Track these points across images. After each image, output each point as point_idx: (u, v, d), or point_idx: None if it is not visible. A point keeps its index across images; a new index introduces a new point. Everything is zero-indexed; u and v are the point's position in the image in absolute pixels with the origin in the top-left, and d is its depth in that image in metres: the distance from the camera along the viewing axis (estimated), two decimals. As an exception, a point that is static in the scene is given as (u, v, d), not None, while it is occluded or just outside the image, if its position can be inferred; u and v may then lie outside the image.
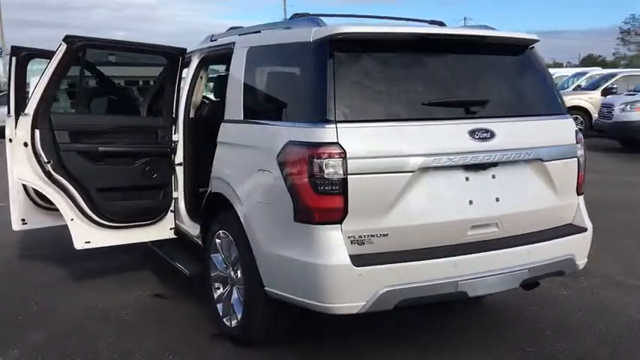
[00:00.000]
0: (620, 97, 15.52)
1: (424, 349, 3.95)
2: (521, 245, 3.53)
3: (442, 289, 3.30)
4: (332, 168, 3.13)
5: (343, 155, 3.13)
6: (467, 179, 3.42)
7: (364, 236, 3.22)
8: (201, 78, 5.05)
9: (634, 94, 15.09)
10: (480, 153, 3.41)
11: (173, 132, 4.86)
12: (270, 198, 3.45)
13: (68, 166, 4.45)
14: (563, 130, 3.82)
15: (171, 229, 5.04)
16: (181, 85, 4.89)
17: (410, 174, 3.25)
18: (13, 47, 5.13)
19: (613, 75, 19.74)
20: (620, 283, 5.14)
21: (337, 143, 3.14)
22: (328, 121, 3.17)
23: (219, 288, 4.27)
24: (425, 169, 3.29)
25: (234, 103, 4.04)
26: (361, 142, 3.18)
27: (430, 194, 3.33)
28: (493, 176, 3.49)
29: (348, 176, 3.14)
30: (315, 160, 3.15)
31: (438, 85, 3.52)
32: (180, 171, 4.94)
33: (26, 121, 4.39)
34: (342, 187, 3.14)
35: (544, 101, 3.85)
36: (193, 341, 4.11)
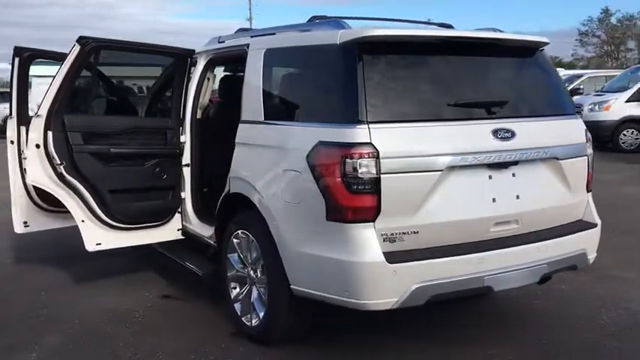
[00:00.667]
0: (588, 97, 15.96)
1: (446, 342, 4.05)
2: (540, 241, 3.66)
3: (470, 285, 3.41)
4: (365, 168, 3.20)
5: (376, 155, 3.20)
6: (490, 177, 3.54)
7: (395, 234, 3.30)
8: (208, 79, 5.05)
9: (602, 95, 15.54)
10: (503, 152, 3.52)
11: (180, 133, 4.87)
12: (300, 198, 3.50)
13: (81, 167, 4.42)
14: (574, 130, 3.97)
15: (178, 230, 5.05)
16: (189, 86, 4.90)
17: (438, 173, 3.35)
18: (16, 48, 5.07)
19: (579, 76, 20.29)
20: (616, 277, 5.32)
21: (370, 143, 3.21)
22: (360, 122, 3.25)
23: (235, 288, 4.31)
24: (452, 168, 3.39)
25: (253, 104, 4.07)
26: (392, 142, 3.26)
27: (456, 192, 3.43)
28: (513, 174, 3.61)
29: (381, 175, 3.22)
30: (348, 160, 3.22)
31: (461, 86, 3.63)
32: (187, 172, 4.95)
33: (39, 123, 4.35)
34: (375, 186, 3.22)
35: (556, 101, 3.99)
36: (213, 341, 4.13)
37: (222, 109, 5.47)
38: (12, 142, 5.22)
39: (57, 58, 5.48)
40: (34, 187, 5.17)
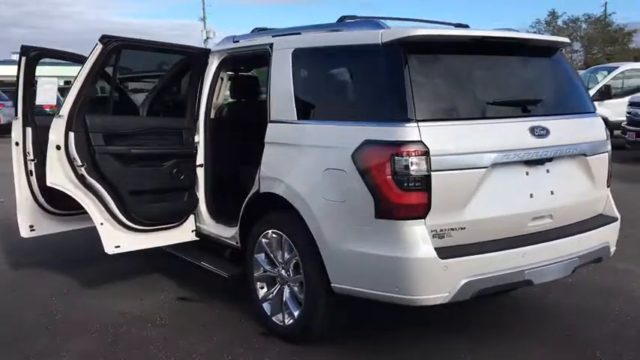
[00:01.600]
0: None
1: (472, 338, 4.15)
2: (573, 235, 3.79)
3: (512, 278, 3.51)
4: (417, 165, 3.26)
5: (426, 153, 3.26)
6: (527, 174, 3.64)
7: (444, 230, 3.37)
8: (222, 79, 5.03)
9: None
10: (539, 149, 3.63)
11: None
12: (344, 196, 3.52)
13: (102, 168, 4.34)
14: (597, 127, 4.12)
15: (192, 231, 5.00)
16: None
17: (483, 170, 3.43)
18: (23, 47, 4.93)
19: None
20: (615, 268, 5.50)
21: (421, 141, 3.27)
22: (409, 120, 3.30)
23: (263, 288, 4.30)
24: (495, 165, 3.48)
25: (283, 103, 4.07)
26: (440, 140, 3.33)
27: (499, 189, 3.52)
28: (547, 171, 3.73)
29: (431, 173, 3.28)
30: (399, 157, 3.26)
31: (498, 85, 3.74)
32: (200, 172, 4.91)
33: (60, 124, 4.25)
34: (425, 183, 3.28)
35: (579, 100, 4.14)
36: (244, 342, 4.12)
37: (234, 108, 5.43)
38: (17, 144, 5.08)
39: (65, 57, 5.37)
40: (41, 189, 5.07)
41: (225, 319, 4.50)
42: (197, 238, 5.02)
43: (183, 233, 4.95)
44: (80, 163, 4.28)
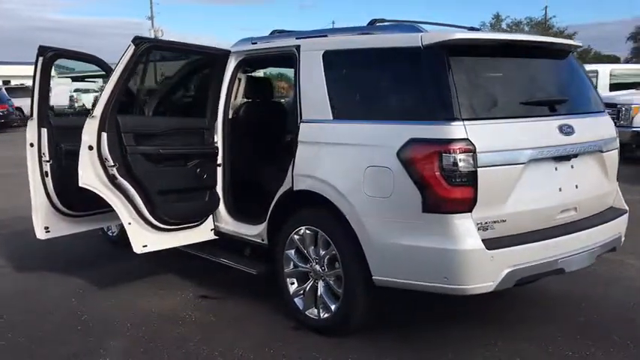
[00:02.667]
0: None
1: (498, 326, 4.36)
2: (595, 226, 4.05)
3: (547, 267, 3.74)
4: (464, 162, 3.44)
5: (473, 150, 3.45)
6: (556, 169, 3.88)
7: (488, 223, 3.57)
8: (240, 80, 5.11)
9: None
10: (567, 146, 3.88)
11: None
12: (389, 192, 3.67)
13: (134, 169, 4.37)
14: (608, 125, 4.40)
15: (211, 230, 5.07)
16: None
17: (522, 166, 3.65)
18: (40, 47, 4.88)
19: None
20: (613, 260, 5.80)
21: (467, 139, 3.45)
22: (456, 119, 3.48)
23: (293, 283, 4.41)
24: (530, 161, 3.69)
25: (317, 103, 4.19)
26: (484, 138, 3.52)
27: (533, 183, 3.74)
28: (572, 166, 3.98)
29: (478, 169, 3.47)
30: (447, 154, 3.44)
31: (528, 86, 3.98)
32: (219, 172, 4.98)
33: (93, 124, 4.25)
34: (472, 179, 3.47)
35: (593, 100, 4.41)
36: (280, 336, 4.22)
37: (249, 108, 5.51)
38: (32, 145, 5.03)
39: (80, 57, 5.35)
40: (56, 191, 5.05)
41: (253, 315, 4.58)
42: (216, 237, 5.09)
43: (203, 232, 5.01)
44: (112, 163, 4.30)
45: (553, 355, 3.92)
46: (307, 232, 4.25)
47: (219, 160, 4.96)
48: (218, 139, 4.93)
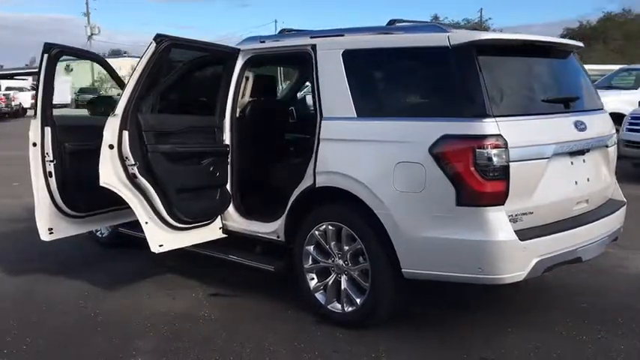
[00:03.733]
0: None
1: (509, 314, 4.57)
2: (604, 217, 4.29)
3: (568, 256, 3.95)
4: (498, 157, 3.60)
5: (505, 145, 3.62)
6: (572, 163, 4.10)
7: (517, 215, 3.74)
8: (247, 78, 5.13)
9: None
10: (581, 141, 4.11)
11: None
12: (421, 186, 3.78)
13: (154, 167, 4.34)
14: (608, 122, 4.66)
15: (220, 228, 5.07)
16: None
17: (546, 160, 3.85)
18: (46, 44, 4.77)
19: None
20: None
21: (500, 135, 3.62)
22: (488, 116, 3.64)
23: (313, 279, 4.48)
24: (553, 156, 3.89)
25: (339, 101, 4.27)
26: (514, 134, 3.69)
27: (554, 177, 3.94)
28: (584, 160, 4.21)
29: (509, 163, 3.64)
30: (482, 150, 3.59)
31: (546, 84, 4.20)
32: (228, 170, 4.99)
33: (115, 123, 4.20)
34: (505, 173, 3.64)
35: (595, 97, 4.66)
36: (306, 331, 4.28)
37: (255, 107, 5.54)
38: (34, 145, 4.90)
39: (84, 55, 5.26)
40: (59, 191, 4.95)
41: (271, 312, 4.61)
42: (225, 235, 5.10)
43: (213, 231, 5.01)
44: (133, 162, 4.26)
45: (569, 340, 4.12)
46: (330, 227, 4.32)
47: (228, 159, 4.97)
48: (226, 137, 4.95)
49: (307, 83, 5.96)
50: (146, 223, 4.48)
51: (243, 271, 5.14)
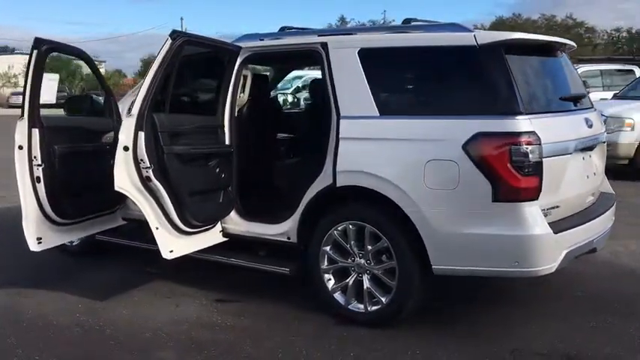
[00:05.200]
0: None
1: (515, 305, 4.72)
2: (608, 210, 4.52)
3: (587, 247, 4.15)
4: (533, 153, 3.71)
5: (539, 142, 3.74)
6: (583, 159, 4.29)
7: (547, 209, 3.87)
8: (245, 77, 5.01)
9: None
10: (591, 137, 4.33)
11: None
12: (455, 183, 3.83)
13: (169, 170, 4.14)
14: (600, 119, 4.91)
15: (220, 232, 4.92)
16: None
17: (569, 155, 4.00)
18: (36, 39, 4.42)
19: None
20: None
21: (534, 132, 3.73)
22: (522, 114, 3.75)
23: (330, 279, 4.44)
24: (574, 151, 4.06)
25: (358, 100, 4.24)
26: (545, 130, 3.81)
27: (574, 172, 4.12)
28: (590, 156, 4.42)
29: (543, 159, 3.76)
30: (518, 147, 3.69)
31: (560, 82, 4.35)
32: None
33: (130, 123, 3.97)
34: (539, 168, 3.75)
35: (588, 96, 4.89)
36: (330, 331, 4.22)
37: (253, 106, 5.40)
38: (21, 148, 4.54)
39: (73, 53, 4.93)
40: (48, 197, 4.63)
41: (286, 315, 4.51)
42: (225, 239, 4.94)
43: (214, 235, 4.85)
44: (148, 165, 4.04)
45: (582, 327, 4.30)
46: (351, 227, 4.29)
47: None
48: (226, 137, 4.80)
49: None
50: (157, 228, 4.27)
51: (236, 275, 5.07)
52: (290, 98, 14.68)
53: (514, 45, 4.00)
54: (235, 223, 4.89)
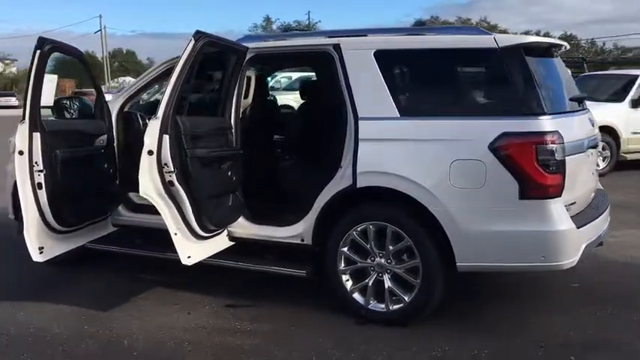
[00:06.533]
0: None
1: (518, 299, 4.89)
2: (608, 206, 4.74)
3: (598, 241, 4.34)
4: (558, 151, 3.86)
5: (562, 141, 3.89)
6: (588, 157, 4.49)
7: (568, 205, 4.03)
8: (249, 78, 4.94)
9: None
10: (594, 136, 4.52)
11: None
12: (481, 182, 3.92)
13: (192, 173, 4.04)
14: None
15: (226, 236, 4.83)
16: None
17: (583, 154, 4.19)
18: (40, 38, 4.20)
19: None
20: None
21: (557, 131, 3.88)
22: (545, 113, 3.90)
23: (348, 280, 4.45)
24: (586, 149, 4.26)
25: (377, 101, 4.25)
26: (565, 130, 3.97)
27: (584, 169, 4.32)
28: (592, 154, 4.63)
29: (565, 157, 3.92)
30: (544, 145, 3.83)
31: (565, 83, 4.52)
32: None
33: (155, 126, 3.84)
34: (563, 166, 3.91)
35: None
36: (353, 332, 4.24)
37: (256, 107, 5.32)
38: (21, 153, 4.31)
39: (73, 53, 4.71)
40: (50, 204, 4.42)
41: (303, 317, 4.49)
42: (232, 243, 4.85)
43: (223, 240, 4.76)
44: (172, 169, 3.93)
45: (589, 317, 4.49)
46: (371, 227, 4.31)
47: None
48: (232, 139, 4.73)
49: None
50: (175, 234, 4.15)
51: (238, 279, 5.06)
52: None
53: (532, 47, 4.14)
54: (242, 226, 4.81)
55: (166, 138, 3.88)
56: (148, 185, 3.92)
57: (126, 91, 5.34)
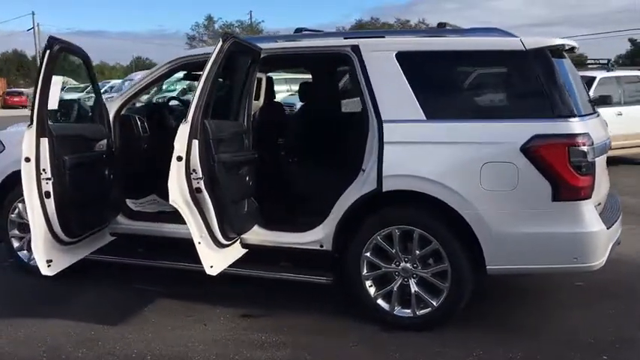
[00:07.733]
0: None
1: (523, 298, 4.93)
2: (620, 206, 4.83)
3: (618, 241, 4.39)
4: (589, 153, 3.90)
5: (592, 142, 3.94)
6: (604, 158, 4.57)
7: (595, 206, 4.08)
8: (260, 80, 4.80)
9: None
10: (608, 138, 4.60)
11: None
12: (513, 184, 3.91)
13: (219, 179, 3.88)
14: None
15: (239, 243, 4.66)
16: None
17: (605, 155, 4.25)
18: (50, 38, 3.93)
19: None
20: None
21: (587, 133, 3.92)
22: (575, 116, 3.93)
23: (372, 286, 4.37)
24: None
25: (402, 104, 4.19)
26: (592, 131, 4.02)
27: (604, 170, 4.38)
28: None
29: (595, 159, 3.96)
30: (576, 147, 3.86)
31: (581, 86, 4.57)
32: None
33: (185, 131, 3.65)
34: (593, 168, 3.95)
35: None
36: (383, 339, 4.17)
37: (265, 110, 5.16)
38: (28, 160, 4.04)
39: (80, 54, 4.44)
40: (58, 215, 4.17)
41: (326, 325, 4.39)
42: (246, 251, 4.69)
43: (238, 248, 4.60)
44: (200, 175, 3.76)
45: (601, 314, 4.57)
46: (397, 232, 4.25)
47: None
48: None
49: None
50: (199, 243, 3.98)
51: (244, 287, 4.94)
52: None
53: (556, 49, 4.17)
54: (256, 233, 4.66)
55: (195, 143, 3.71)
56: (177, 193, 3.74)
57: (123, 93, 5.10)
